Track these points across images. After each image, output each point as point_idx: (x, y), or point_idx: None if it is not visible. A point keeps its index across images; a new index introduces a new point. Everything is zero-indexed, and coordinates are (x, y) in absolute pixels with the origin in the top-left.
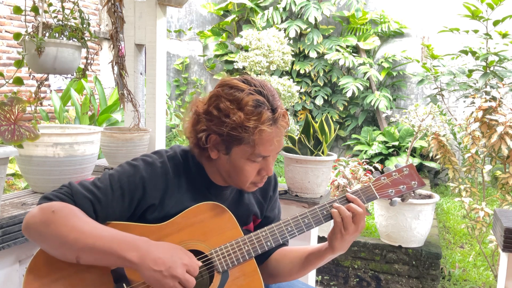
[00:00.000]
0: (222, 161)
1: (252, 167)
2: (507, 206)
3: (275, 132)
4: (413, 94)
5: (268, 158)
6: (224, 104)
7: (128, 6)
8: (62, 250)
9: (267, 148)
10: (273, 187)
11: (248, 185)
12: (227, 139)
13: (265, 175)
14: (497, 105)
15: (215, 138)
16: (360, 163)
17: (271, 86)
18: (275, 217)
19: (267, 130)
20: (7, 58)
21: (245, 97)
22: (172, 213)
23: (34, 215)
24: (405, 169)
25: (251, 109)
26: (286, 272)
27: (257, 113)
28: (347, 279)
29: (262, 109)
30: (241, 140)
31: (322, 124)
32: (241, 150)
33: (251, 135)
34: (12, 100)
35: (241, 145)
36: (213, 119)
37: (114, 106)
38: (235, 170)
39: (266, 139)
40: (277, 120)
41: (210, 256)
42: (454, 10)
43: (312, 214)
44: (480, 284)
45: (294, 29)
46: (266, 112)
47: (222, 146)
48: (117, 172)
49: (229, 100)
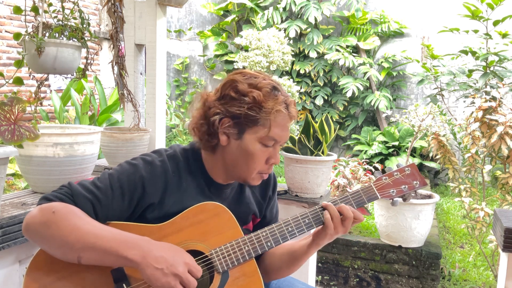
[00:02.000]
0: (231, 148)
1: (263, 152)
2: (507, 206)
3: (288, 117)
4: (413, 94)
5: (276, 146)
6: (242, 85)
7: (128, 6)
8: (63, 250)
9: (279, 132)
10: (272, 187)
11: (254, 175)
12: (243, 120)
13: (273, 163)
14: (497, 105)
15: (228, 121)
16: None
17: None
18: (272, 217)
19: (283, 111)
20: (7, 58)
21: (261, 81)
22: (172, 212)
23: (34, 216)
24: (407, 169)
25: (268, 90)
26: (276, 268)
27: (274, 95)
28: (347, 279)
29: (278, 92)
30: (257, 121)
31: (322, 124)
32: (254, 132)
33: (268, 115)
34: (12, 100)
35: (256, 126)
36: (229, 101)
37: (114, 106)
38: (245, 156)
39: (280, 121)
40: (289, 106)
41: (210, 256)
42: (454, 10)
43: (313, 214)
44: (480, 284)
45: (294, 29)
46: (281, 96)
47: (234, 130)
48: (116, 172)
49: (247, 83)
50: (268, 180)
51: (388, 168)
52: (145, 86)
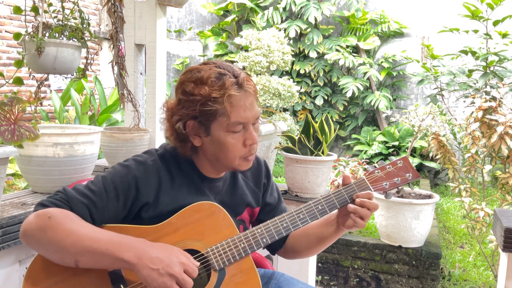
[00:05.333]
0: (206, 145)
1: (235, 139)
2: (507, 206)
3: (245, 95)
4: (413, 94)
5: (247, 126)
6: (188, 87)
7: (128, 6)
8: (60, 255)
9: (241, 114)
10: (265, 173)
11: (238, 161)
12: (202, 118)
13: (251, 144)
14: (497, 105)
15: (192, 123)
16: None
17: (229, 63)
18: (276, 200)
19: (235, 94)
20: (7, 58)
21: (205, 74)
22: (167, 210)
23: (30, 222)
24: (399, 162)
25: (214, 80)
26: (304, 250)
27: (220, 83)
28: (347, 279)
29: (223, 77)
30: (215, 113)
31: (322, 124)
32: (219, 125)
33: (222, 104)
34: (12, 100)
35: (216, 118)
36: (183, 105)
37: (114, 106)
38: (220, 148)
39: (237, 104)
40: (242, 84)
41: (207, 254)
42: (454, 10)
43: (307, 209)
44: (480, 284)
45: (294, 29)
46: (229, 79)
47: (201, 129)
48: (109, 174)
49: (192, 81)
50: (259, 168)
51: (381, 162)
52: (145, 86)
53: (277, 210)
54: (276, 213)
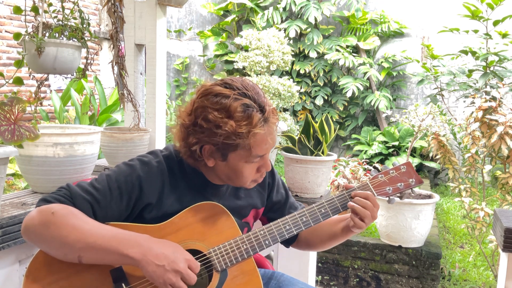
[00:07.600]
0: (220, 167)
1: (251, 167)
2: (507, 206)
3: (268, 131)
4: (413, 94)
5: (265, 156)
6: (212, 115)
7: (128, 6)
8: (64, 251)
9: (262, 148)
10: (269, 173)
11: (249, 183)
12: (222, 147)
13: (264, 171)
14: (497, 105)
15: (209, 148)
16: (360, 163)
17: (253, 83)
18: (284, 196)
19: (260, 132)
20: (7, 58)
21: (232, 104)
22: (170, 212)
23: (33, 218)
24: (402, 167)
25: (240, 115)
26: (318, 244)
27: (247, 117)
28: (347, 279)
29: (251, 112)
30: (237, 146)
31: (322, 124)
32: (238, 155)
33: (246, 139)
34: (12, 100)
35: (237, 150)
36: (204, 131)
37: (114, 106)
38: (234, 173)
39: (260, 140)
40: (267, 119)
41: (209, 255)
42: (454, 10)
43: (310, 212)
44: (480, 284)
45: (294, 29)
46: (256, 114)
47: (217, 154)
48: (114, 173)
49: (217, 110)
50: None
51: (384, 167)
52: (145, 86)
53: (286, 206)
54: (285, 209)
